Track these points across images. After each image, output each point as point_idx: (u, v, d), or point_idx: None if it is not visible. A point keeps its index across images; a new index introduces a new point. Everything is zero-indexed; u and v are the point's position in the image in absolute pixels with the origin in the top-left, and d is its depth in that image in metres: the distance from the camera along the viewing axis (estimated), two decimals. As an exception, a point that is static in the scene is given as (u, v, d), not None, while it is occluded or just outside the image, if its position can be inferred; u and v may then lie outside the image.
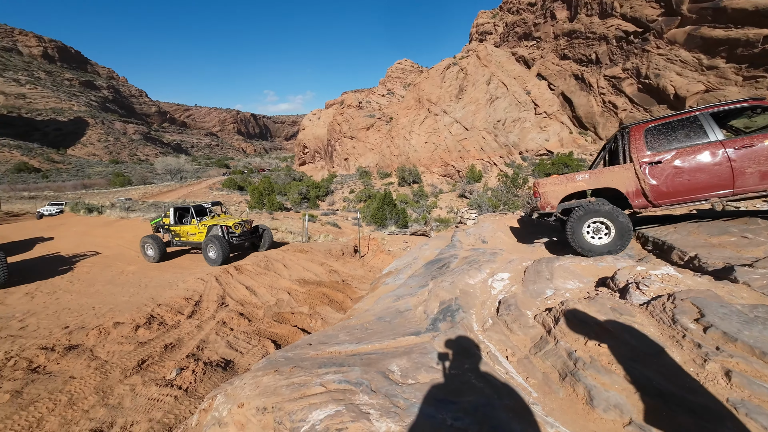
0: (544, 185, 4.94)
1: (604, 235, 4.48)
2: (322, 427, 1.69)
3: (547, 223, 8.03)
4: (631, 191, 4.38)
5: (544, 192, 4.92)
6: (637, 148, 4.37)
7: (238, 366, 4.72)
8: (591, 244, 4.46)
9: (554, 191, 4.84)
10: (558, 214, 4.91)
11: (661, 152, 4.24)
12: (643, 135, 4.38)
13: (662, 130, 4.32)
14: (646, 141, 4.35)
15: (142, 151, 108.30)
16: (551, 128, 40.85)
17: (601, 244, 4.44)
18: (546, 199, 4.90)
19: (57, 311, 6.28)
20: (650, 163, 4.27)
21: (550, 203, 4.87)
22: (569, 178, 4.80)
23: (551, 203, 4.87)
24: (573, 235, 4.47)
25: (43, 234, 15.19)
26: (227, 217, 11.50)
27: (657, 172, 4.23)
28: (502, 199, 21.86)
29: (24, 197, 33.91)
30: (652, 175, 4.25)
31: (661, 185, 4.22)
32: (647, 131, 4.38)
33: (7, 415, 3.46)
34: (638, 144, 4.37)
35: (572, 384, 1.94)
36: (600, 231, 4.48)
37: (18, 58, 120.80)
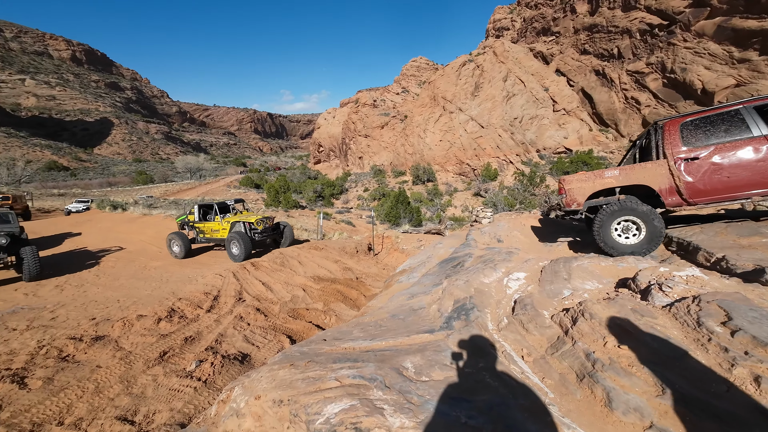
0: (570, 182, 4.78)
1: (632, 235, 4.31)
2: (337, 420, 1.72)
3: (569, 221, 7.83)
4: (665, 188, 4.19)
5: (570, 189, 4.75)
6: (671, 144, 4.18)
7: (254, 360, 4.82)
8: (619, 243, 4.30)
9: (581, 188, 4.68)
10: (584, 212, 4.74)
11: (698, 148, 4.04)
12: (679, 130, 4.18)
13: (700, 125, 4.11)
14: (682, 136, 4.15)
15: (164, 150, 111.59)
16: (570, 125, 39.84)
17: (629, 243, 4.28)
18: (572, 196, 4.74)
19: (84, 303, 6.56)
20: (686, 159, 4.07)
21: (576, 200, 4.71)
22: (597, 175, 4.63)
23: (577, 200, 4.71)
24: (600, 233, 4.31)
25: (71, 230, 15.90)
26: (249, 214, 11.64)
27: (693, 168, 4.04)
28: (519, 197, 21.49)
29: (54, 194, 35.54)
30: (688, 172, 4.06)
31: (698, 183, 4.02)
32: (683, 126, 4.18)
33: (40, 401, 3.65)
34: (673, 139, 4.18)
35: (590, 385, 1.90)
36: (629, 230, 4.31)
37: (49, 61, 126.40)
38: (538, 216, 9.70)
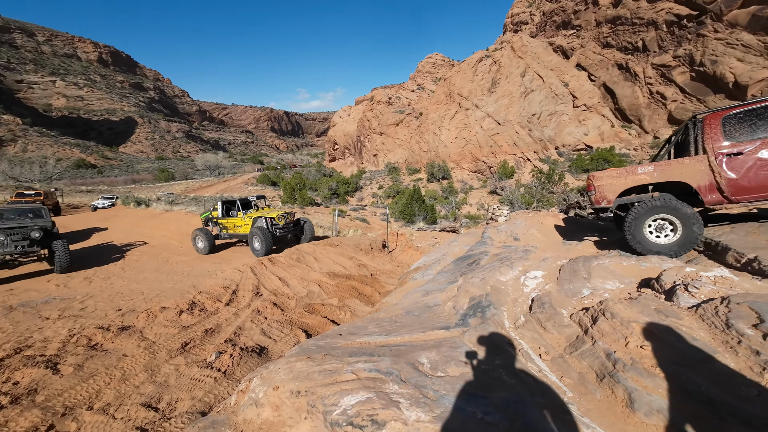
0: (601, 178, 4.61)
1: (663, 236, 4.12)
2: (354, 411, 1.74)
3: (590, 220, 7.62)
4: (704, 185, 3.99)
5: (600, 185, 4.59)
6: (712, 138, 3.97)
7: (271, 353, 4.93)
8: (651, 242, 4.15)
9: (612, 184, 4.51)
10: (614, 210, 4.57)
11: (742, 143, 3.84)
12: (721, 124, 3.96)
13: (744, 118, 3.88)
14: (724, 130, 3.93)
15: (184, 148, 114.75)
16: (591, 121, 38.69)
17: (661, 243, 4.12)
18: (602, 192, 4.58)
19: (111, 295, 6.85)
20: (729, 154, 3.87)
21: (606, 197, 4.55)
22: (629, 171, 4.46)
23: (607, 197, 4.55)
24: (632, 230, 4.17)
25: (98, 224, 16.58)
26: (271, 210, 11.86)
27: (737, 164, 3.84)
28: (536, 195, 21.06)
29: (82, 191, 37.14)
30: (731, 168, 3.86)
31: (742, 179, 3.81)
32: (725, 120, 3.96)
33: (72, 386, 3.84)
34: (714, 134, 3.97)
35: (611, 386, 1.86)
36: (663, 229, 4.13)
37: (77, 63, 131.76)
38: (556, 214, 9.49)
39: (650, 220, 4.14)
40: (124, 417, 3.45)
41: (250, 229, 10.87)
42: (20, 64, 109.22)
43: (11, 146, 67.54)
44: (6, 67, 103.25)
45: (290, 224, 11.31)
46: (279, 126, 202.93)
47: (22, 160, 46.33)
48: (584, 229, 7.39)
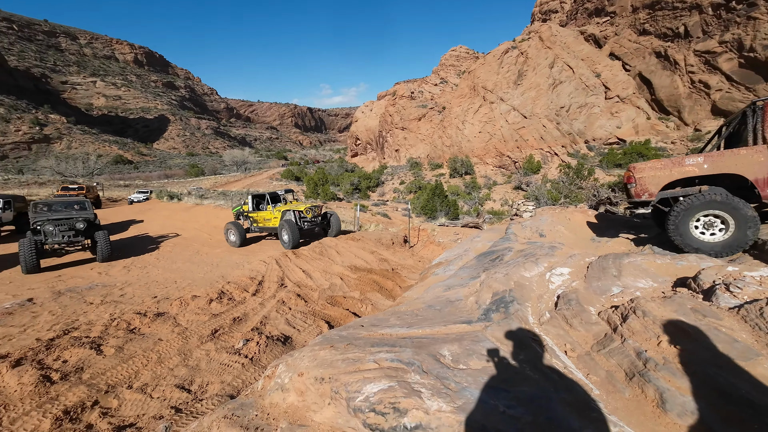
0: (642, 169, 4.32)
1: (710, 234, 3.85)
2: (376, 399, 1.78)
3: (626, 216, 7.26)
4: (762, 179, 3.68)
5: (641, 177, 4.29)
6: None
7: (295, 342, 5.08)
8: (696, 239, 3.89)
9: (655, 177, 4.22)
10: (656, 204, 4.28)
11: None
12: None
13: None
14: None
15: (213, 144, 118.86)
16: (624, 114, 36.77)
17: (709, 241, 3.84)
18: (643, 185, 4.28)
19: (147, 283, 7.26)
20: None
21: (648, 191, 4.26)
22: (676, 163, 4.17)
23: (649, 191, 4.25)
24: (676, 227, 3.91)
25: (135, 217, 17.55)
26: (299, 203, 11.98)
27: None
28: (564, 191, 20.33)
29: (120, 185, 39.35)
30: None
31: None
32: None
33: (113, 366, 4.12)
34: None
35: (640, 385, 1.80)
36: (712, 226, 3.86)
37: (115, 64, 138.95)
38: (585, 210, 9.15)
39: (701, 215, 3.86)
40: (160, 396, 3.67)
41: (279, 222, 11.07)
42: (65, 66, 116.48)
43: (58, 143, 72.43)
44: (53, 70, 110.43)
45: (318, 217, 11.40)
46: (302, 122, 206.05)
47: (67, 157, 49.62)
48: (615, 226, 7.08)
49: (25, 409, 3.29)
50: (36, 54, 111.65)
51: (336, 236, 11.70)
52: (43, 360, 4.10)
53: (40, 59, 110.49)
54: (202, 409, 3.47)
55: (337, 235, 11.79)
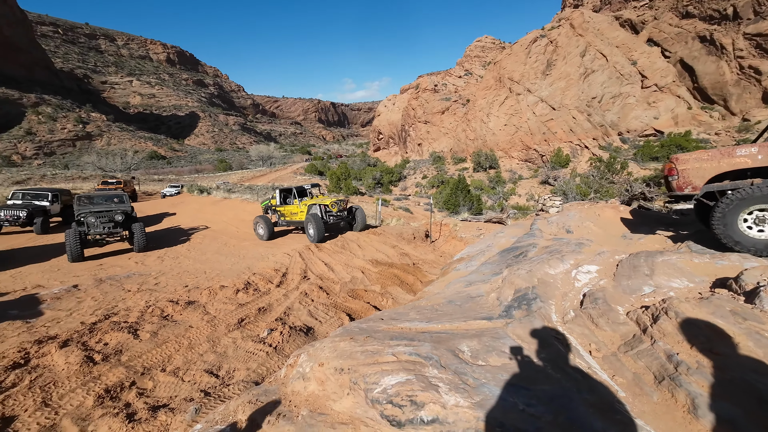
0: (686, 161, 4.05)
1: (757, 230, 3.59)
2: (394, 391, 1.80)
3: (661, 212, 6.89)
4: None
5: (685, 169, 4.02)
6: None
7: (317, 333, 5.20)
8: (745, 236, 3.63)
9: (701, 168, 3.95)
10: (700, 198, 4.01)
11: None
12: None
13: None
14: None
15: (240, 140, 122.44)
16: (663, 103, 34.59)
17: (759, 238, 3.57)
18: (686, 177, 4.02)
19: (179, 273, 7.64)
20: None
21: (692, 183, 3.99)
22: (725, 153, 3.90)
23: (694, 183, 3.99)
24: (723, 223, 3.67)
25: (168, 210, 18.43)
26: (325, 197, 12.08)
27: None
28: (594, 186, 19.46)
29: (154, 179, 41.40)
30: None
31: None
32: None
33: (149, 350, 4.39)
34: None
35: (671, 389, 1.72)
36: (764, 222, 3.60)
37: (149, 63, 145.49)
38: (616, 206, 8.74)
39: (755, 209, 3.58)
40: (190, 380, 3.87)
41: (305, 216, 11.18)
42: (104, 67, 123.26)
43: (98, 140, 77.01)
44: (93, 70, 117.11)
45: (343, 211, 11.45)
46: (326, 117, 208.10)
47: (107, 153, 52.70)
48: (649, 223, 6.73)
49: (72, 387, 3.57)
50: (78, 56, 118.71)
51: (361, 231, 11.74)
52: (87, 342, 4.42)
53: (82, 61, 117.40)
54: (228, 394, 3.63)
55: (362, 230, 11.82)
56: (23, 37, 79.11)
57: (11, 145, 62.22)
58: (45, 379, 3.67)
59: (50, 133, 69.66)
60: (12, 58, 76.08)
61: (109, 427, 3.06)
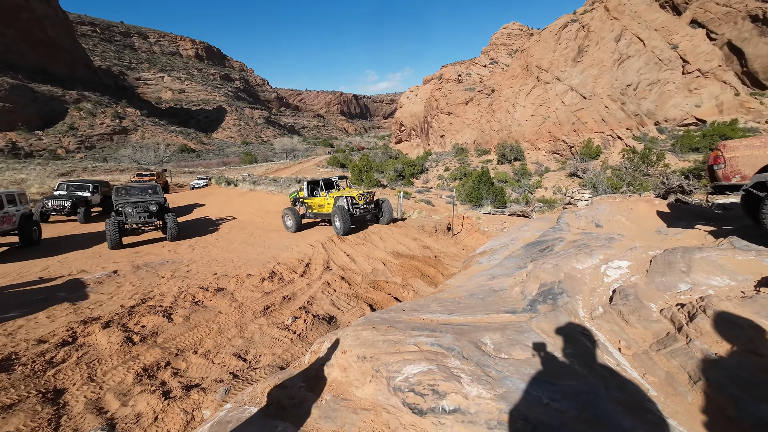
0: (735, 148, 3.79)
1: None
2: (416, 380, 1.82)
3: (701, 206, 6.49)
4: None
5: (733, 157, 3.76)
6: None
7: (339, 322, 5.31)
8: None
9: (751, 157, 3.68)
10: (749, 188, 3.72)
11: None
12: None
13: None
14: None
15: (265, 133, 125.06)
16: (706, 90, 32.23)
17: None
18: (734, 166, 3.75)
19: (209, 261, 7.97)
20: None
21: (741, 173, 3.73)
22: None
23: (743, 173, 3.73)
24: None
25: (198, 201, 19.20)
26: (351, 189, 11.93)
27: None
28: (626, 178, 18.52)
29: (185, 172, 43.12)
30: None
31: None
32: None
33: (182, 333, 4.63)
34: None
35: (707, 390, 1.64)
36: None
37: (179, 59, 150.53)
38: (650, 200, 8.30)
39: None
40: (220, 363, 4.07)
41: (332, 208, 11.15)
42: (138, 64, 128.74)
43: (134, 134, 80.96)
44: (128, 67, 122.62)
45: (370, 204, 11.27)
46: (348, 109, 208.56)
47: (142, 146, 55.30)
48: (687, 218, 6.35)
49: (113, 364, 3.84)
50: (114, 53, 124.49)
51: (387, 224, 11.47)
52: (126, 324, 4.72)
53: (118, 58, 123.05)
54: (255, 377, 3.79)
55: (389, 223, 11.53)
56: (65, 37, 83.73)
57: (56, 140, 66.49)
58: (90, 357, 3.96)
59: (90, 128, 73.82)
60: (56, 58, 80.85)
61: (147, 403, 3.27)
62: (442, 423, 1.63)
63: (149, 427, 3.04)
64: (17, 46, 72.66)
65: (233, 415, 2.19)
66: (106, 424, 3.00)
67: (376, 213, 11.67)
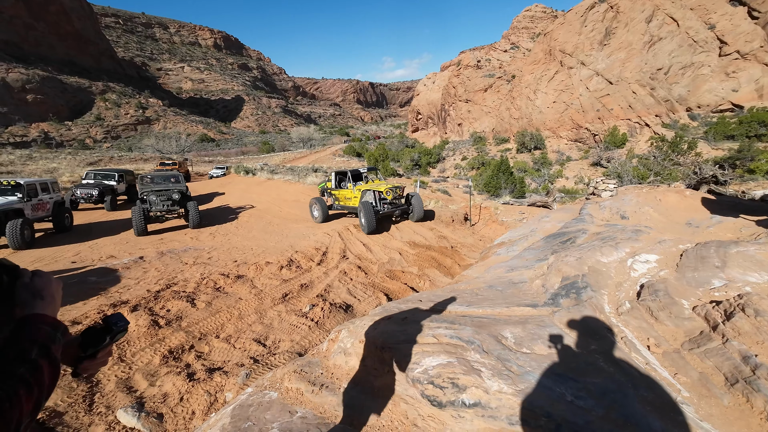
0: None
1: None
2: (435, 372, 1.81)
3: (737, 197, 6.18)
4: None
5: None
6: None
7: (356, 311, 5.36)
8: None
9: None
10: None
11: None
12: None
13: None
14: None
15: (282, 122, 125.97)
16: (745, 73, 30.11)
17: None
18: None
19: (229, 249, 8.17)
20: None
21: None
22: None
23: None
24: None
25: (218, 190, 19.63)
26: (380, 183, 11.08)
27: None
28: (654, 168, 17.69)
29: (205, 161, 44.12)
30: None
31: None
32: None
33: (204, 318, 4.79)
34: None
35: (746, 393, 1.55)
36: None
37: (198, 49, 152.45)
38: (681, 190, 7.92)
39: None
40: (240, 347, 4.19)
41: (358, 202, 10.49)
42: (159, 54, 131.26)
43: (156, 124, 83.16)
44: (150, 58, 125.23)
45: (399, 199, 10.45)
46: (364, 97, 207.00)
47: (164, 136, 56.79)
48: (721, 209, 6.03)
49: (141, 346, 4.01)
50: (137, 45, 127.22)
51: (417, 221, 10.65)
52: (153, 308, 4.91)
53: (140, 49, 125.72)
54: (275, 362, 3.88)
55: (419, 221, 10.70)
56: (90, 29, 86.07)
57: (84, 130, 69.09)
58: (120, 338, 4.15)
59: (116, 118, 76.25)
60: (83, 50, 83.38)
61: (173, 384, 3.41)
62: (462, 416, 1.61)
63: (175, 407, 3.17)
64: (47, 38, 75.28)
65: (254, 399, 2.24)
66: (136, 402, 3.15)
67: (405, 209, 10.78)
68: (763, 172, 15.18)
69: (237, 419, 2.02)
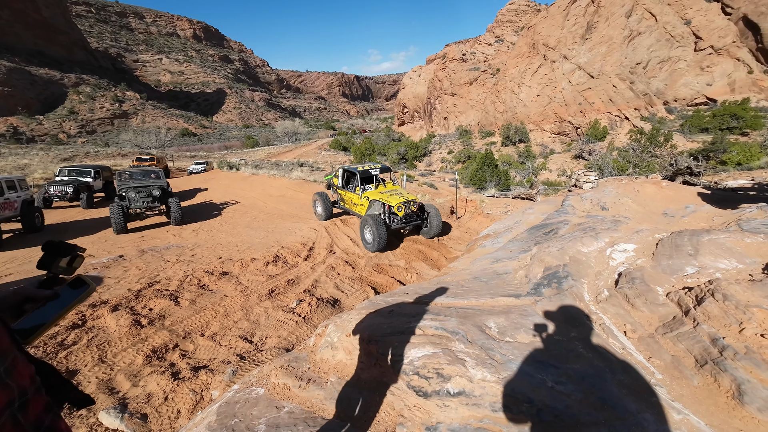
0: None
1: None
2: (420, 363, 1.83)
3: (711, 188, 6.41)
4: None
5: None
6: None
7: (343, 305, 5.36)
8: None
9: None
10: None
11: None
12: None
13: None
14: None
15: (266, 116, 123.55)
16: (718, 68, 31.18)
17: None
18: None
19: (213, 245, 8.02)
20: None
21: None
22: None
23: None
24: None
25: (200, 185, 19.18)
26: (392, 193, 9.02)
27: None
28: (633, 160, 18.21)
29: (187, 156, 42.95)
30: None
31: None
32: None
33: (188, 316, 4.70)
34: None
35: (714, 373, 1.63)
36: None
37: (177, 41, 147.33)
38: (658, 181, 8.18)
39: None
40: (227, 345, 4.14)
41: (365, 211, 9.07)
42: (135, 45, 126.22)
43: (134, 118, 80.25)
44: (126, 49, 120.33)
45: (413, 214, 8.70)
46: (350, 91, 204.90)
47: (143, 131, 54.91)
48: (695, 199, 6.27)
49: (123, 346, 3.91)
50: (111, 35, 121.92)
51: (432, 238, 8.97)
52: (134, 307, 4.80)
53: (115, 39, 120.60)
54: (262, 359, 3.86)
55: (435, 237, 9.03)
56: (60, 18, 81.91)
57: (57, 124, 66.14)
58: (100, 339, 4.04)
59: (90, 112, 73.21)
60: (53, 39, 79.39)
61: (158, 384, 3.35)
62: (447, 405, 1.65)
63: (160, 407, 3.12)
64: (12, 27, 71.31)
65: (241, 395, 2.23)
66: (119, 404, 3.08)
67: (418, 224, 8.92)
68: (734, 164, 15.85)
69: (223, 416, 2.01)
